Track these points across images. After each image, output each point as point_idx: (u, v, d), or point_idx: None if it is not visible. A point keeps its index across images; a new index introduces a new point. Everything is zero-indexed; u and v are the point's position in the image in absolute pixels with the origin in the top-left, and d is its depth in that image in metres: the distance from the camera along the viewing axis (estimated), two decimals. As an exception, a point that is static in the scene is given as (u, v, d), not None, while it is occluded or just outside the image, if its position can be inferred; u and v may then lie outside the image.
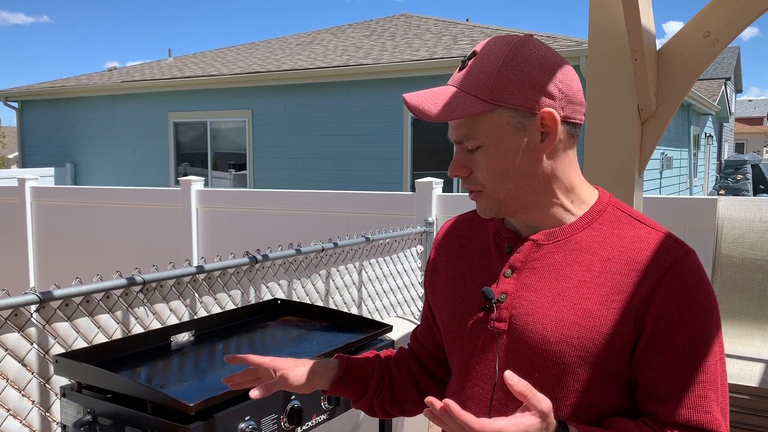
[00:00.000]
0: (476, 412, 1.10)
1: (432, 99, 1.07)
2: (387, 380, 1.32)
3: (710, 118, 17.28)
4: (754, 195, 14.54)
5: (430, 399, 0.94)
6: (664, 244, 1.06)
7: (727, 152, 22.88)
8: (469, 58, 1.09)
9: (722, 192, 14.19)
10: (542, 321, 1.06)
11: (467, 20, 12.53)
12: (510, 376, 0.93)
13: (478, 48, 1.09)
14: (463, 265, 1.21)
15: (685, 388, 1.02)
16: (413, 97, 1.07)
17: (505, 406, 1.08)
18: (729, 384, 2.43)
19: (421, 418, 2.87)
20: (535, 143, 1.07)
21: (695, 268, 1.05)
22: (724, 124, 21.46)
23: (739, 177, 14.77)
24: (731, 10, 2.03)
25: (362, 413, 2.12)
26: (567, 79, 1.07)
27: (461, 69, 1.09)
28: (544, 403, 0.94)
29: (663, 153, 10.97)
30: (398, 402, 1.33)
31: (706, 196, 4.25)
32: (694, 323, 1.02)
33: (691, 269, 1.04)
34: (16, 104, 13.93)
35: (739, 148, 33.04)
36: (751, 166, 15.20)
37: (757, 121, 41.13)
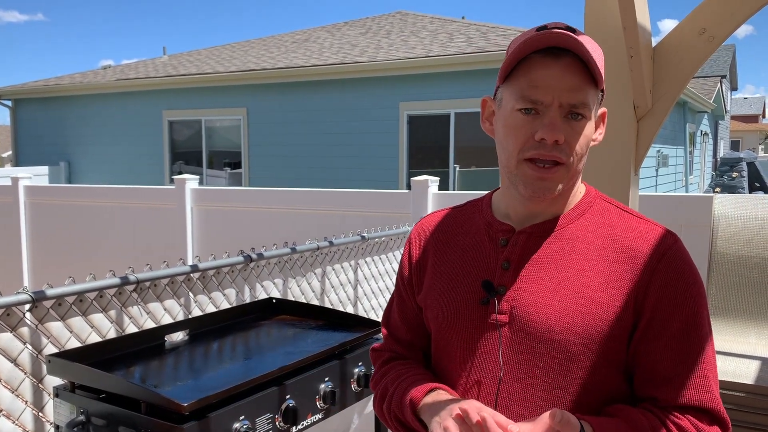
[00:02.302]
0: None
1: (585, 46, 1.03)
2: None
3: (706, 116, 17.32)
4: (750, 193, 14.58)
5: (465, 408, 0.99)
6: (654, 233, 1.10)
7: (723, 150, 22.93)
8: (572, 30, 1.06)
9: (718, 190, 14.23)
10: (545, 311, 1.07)
11: (463, 18, 12.52)
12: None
13: (567, 25, 1.07)
14: (454, 259, 1.20)
15: (685, 370, 1.04)
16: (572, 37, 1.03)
17: (507, 400, 1.09)
18: (725, 381, 2.43)
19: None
20: (593, 132, 1.12)
21: (685, 253, 1.09)
22: (720, 121, 21.51)
23: (734, 175, 14.81)
24: (727, 7, 2.02)
25: (356, 413, 2.11)
26: None
27: (571, 31, 1.05)
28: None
29: (659, 151, 10.99)
30: None
31: (702, 194, 4.26)
32: (689, 306, 1.06)
33: (682, 255, 1.08)
34: (9, 102, 13.88)
35: (735, 145, 33.12)
36: (747, 163, 15.23)
37: (753, 118, 41.24)
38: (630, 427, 1.01)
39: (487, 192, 1.28)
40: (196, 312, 2.61)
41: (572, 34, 1.02)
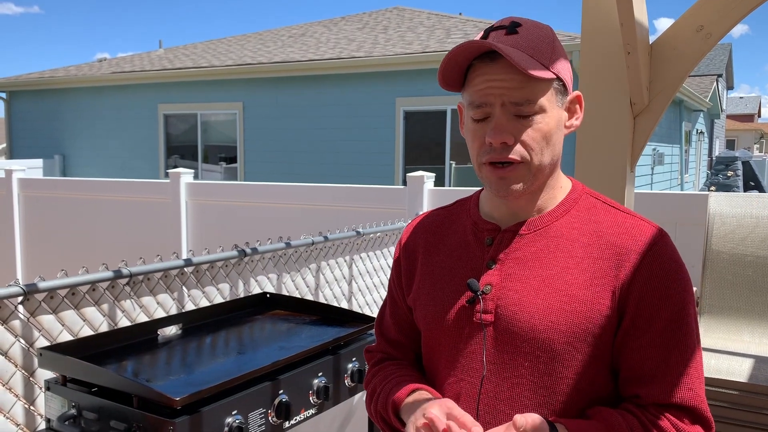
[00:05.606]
0: (464, 407, 1.10)
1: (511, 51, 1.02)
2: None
3: (702, 115, 17.35)
4: (744, 191, 14.61)
5: (432, 417, 1.00)
6: (640, 228, 1.09)
7: (718, 149, 22.98)
8: (515, 26, 1.06)
9: (713, 188, 14.26)
10: (529, 310, 1.06)
11: (460, 14, 12.51)
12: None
13: (515, 19, 1.07)
14: (441, 260, 1.20)
15: (668, 368, 1.04)
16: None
17: (493, 400, 1.08)
18: (718, 380, 2.43)
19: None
20: (564, 121, 1.10)
21: (672, 249, 1.08)
22: (716, 120, 21.55)
23: (729, 173, 14.84)
24: (724, 3, 2.02)
25: (350, 408, 2.11)
26: None
27: (509, 33, 1.05)
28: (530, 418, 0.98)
29: (654, 149, 11.00)
30: None
31: (698, 192, 4.26)
32: (674, 303, 1.05)
33: (669, 250, 1.07)
34: (4, 95, 13.80)
35: (730, 144, 33.20)
36: (742, 162, 15.26)
37: (748, 117, 41.33)
38: (606, 427, 1.00)
39: (476, 190, 1.27)
40: (190, 306, 2.60)
41: (488, 42, 1.01)
